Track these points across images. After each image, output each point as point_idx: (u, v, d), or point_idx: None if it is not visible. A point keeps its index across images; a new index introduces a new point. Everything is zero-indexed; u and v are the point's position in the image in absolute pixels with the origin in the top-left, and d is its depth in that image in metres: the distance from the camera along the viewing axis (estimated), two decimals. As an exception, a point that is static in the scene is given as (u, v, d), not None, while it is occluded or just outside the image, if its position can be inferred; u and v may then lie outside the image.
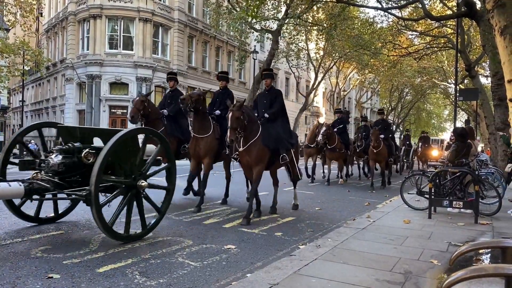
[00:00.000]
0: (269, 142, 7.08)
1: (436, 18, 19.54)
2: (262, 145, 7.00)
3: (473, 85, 21.86)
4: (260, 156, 7.01)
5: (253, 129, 6.99)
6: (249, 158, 7.03)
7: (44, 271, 4.07)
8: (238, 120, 6.59)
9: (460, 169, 7.79)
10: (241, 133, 6.74)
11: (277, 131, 7.33)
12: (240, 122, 6.64)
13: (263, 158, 7.07)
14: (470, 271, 1.82)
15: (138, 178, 5.38)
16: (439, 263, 4.55)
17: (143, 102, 8.16)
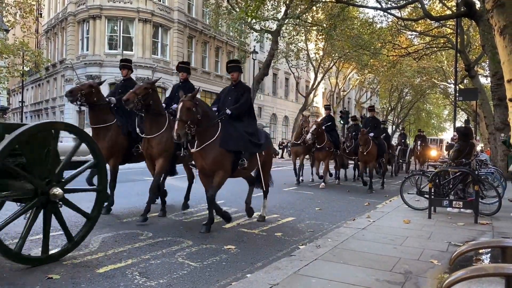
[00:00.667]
0: (228, 143, 6.03)
1: (436, 18, 19.57)
2: (221, 147, 5.96)
3: (473, 85, 21.88)
4: (219, 161, 5.97)
5: (209, 127, 5.95)
6: (205, 162, 5.98)
7: (44, 271, 4.06)
8: (189, 111, 5.58)
9: (460, 169, 7.80)
10: (193, 128, 5.67)
11: (239, 131, 6.25)
12: (192, 115, 5.61)
13: (224, 163, 6.03)
14: (470, 271, 1.81)
15: (51, 185, 4.27)
16: (439, 263, 4.55)
17: (91, 86, 6.97)
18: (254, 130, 6.62)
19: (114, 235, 5.64)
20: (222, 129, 6.06)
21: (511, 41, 4.59)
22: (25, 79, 33.48)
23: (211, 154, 5.92)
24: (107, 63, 29.45)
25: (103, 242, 5.27)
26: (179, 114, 5.56)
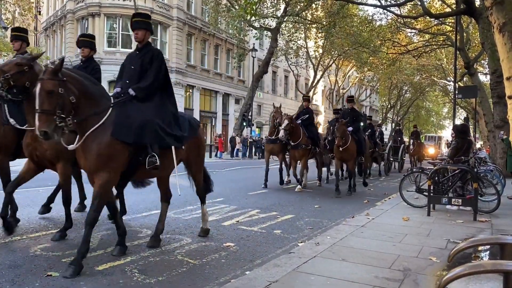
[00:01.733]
0: (124, 131, 4.26)
1: (435, 15, 19.56)
2: (111, 137, 4.19)
3: (472, 82, 21.90)
4: (107, 155, 4.17)
5: (92, 110, 4.18)
6: (88, 158, 4.19)
7: (43, 269, 4.07)
8: (52, 96, 3.84)
9: (460, 167, 7.80)
10: (66, 120, 3.95)
11: (145, 115, 4.48)
12: (59, 100, 3.88)
13: (114, 160, 4.23)
14: (468, 268, 1.82)
15: None
16: (438, 260, 4.55)
17: None
18: (170, 115, 4.83)
19: (113, 232, 5.63)
20: (117, 112, 4.35)
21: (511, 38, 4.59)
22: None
23: (95, 147, 4.15)
24: (106, 60, 29.38)
25: (102, 239, 5.27)
26: (38, 103, 3.82)
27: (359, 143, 11.34)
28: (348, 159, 11.01)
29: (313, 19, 27.88)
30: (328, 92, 49.11)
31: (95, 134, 4.16)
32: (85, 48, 6.11)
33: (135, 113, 4.42)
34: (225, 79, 37.37)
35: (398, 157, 20.27)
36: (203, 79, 34.40)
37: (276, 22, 24.30)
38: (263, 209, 7.96)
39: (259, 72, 25.98)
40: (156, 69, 4.80)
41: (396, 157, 20.32)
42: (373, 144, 15.95)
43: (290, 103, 46.33)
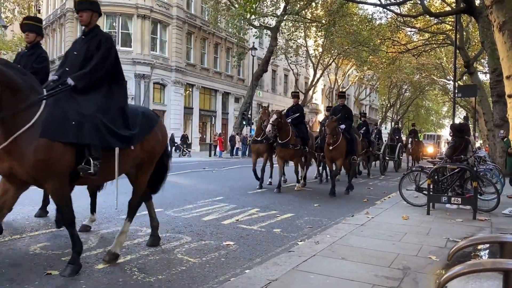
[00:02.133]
0: (59, 130, 3.63)
1: (435, 14, 19.55)
2: (43, 138, 3.57)
3: (472, 81, 21.88)
4: (44, 161, 3.57)
5: (17, 106, 3.53)
6: (22, 166, 3.58)
7: (43, 267, 4.07)
8: None
9: (459, 165, 7.81)
10: None
11: (84, 109, 3.84)
12: None
13: (55, 165, 3.65)
14: (468, 266, 1.82)
15: None
16: (437, 259, 4.56)
17: None
18: (117, 110, 4.12)
19: (113, 231, 5.64)
20: (49, 107, 3.68)
21: (510, 37, 4.59)
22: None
23: (30, 152, 3.54)
24: (106, 59, 29.35)
25: (102, 238, 5.27)
26: None
27: (351, 142, 10.51)
28: (337, 158, 10.23)
29: (313, 17, 27.86)
30: (328, 91, 49.08)
31: (27, 135, 3.53)
32: (29, 33, 5.42)
33: (73, 107, 3.78)
34: (225, 78, 37.35)
35: (395, 156, 19.59)
36: (202, 78, 34.37)
37: (276, 20, 24.30)
38: (263, 208, 7.96)
39: (258, 71, 25.98)
40: (102, 55, 4.08)
41: (392, 156, 19.60)
42: (367, 143, 15.21)
43: (290, 102, 46.25)
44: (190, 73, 33.14)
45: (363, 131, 15.24)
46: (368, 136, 15.63)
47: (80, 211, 5.70)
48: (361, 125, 16.05)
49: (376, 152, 17.24)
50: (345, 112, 10.96)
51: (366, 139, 15.11)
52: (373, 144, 16.23)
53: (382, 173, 17.38)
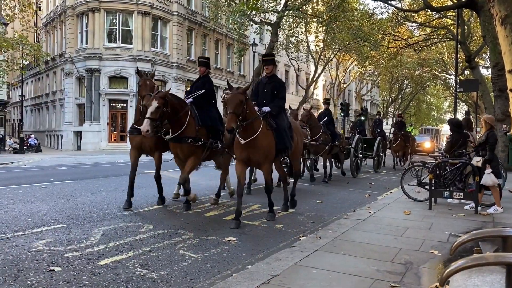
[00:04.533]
0: None
1: (436, 9, 19.49)
2: None
3: (473, 76, 21.84)
4: None
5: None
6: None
7: (46, 264, 4.08)
8: None
9: (461, 160, 7.79)
10: None
11: None
12: None
13: None
14: (471, 260, 1.82)
15: None
16: (439, 254, 4.56)
17: None
18: None
19: (115, 227, 5.66)
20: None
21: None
22: (24, 73, 33.36)
23: None
24: (107, 56, 29.36)
25: (104, 234, 5.28)
26: None
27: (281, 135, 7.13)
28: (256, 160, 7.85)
29: (313, 13, 27.74)
30: (329, 87, 48.99)
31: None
32: None
33: None
34: (226, 74, 37.29)
35: (373, 152, 16.00)
36: (203, 74, 34.29)
37: (277, 16, 24.21)
38: (265, 203, 7.92)
39: (259, 66, 25.88)
40: None
41: (370, 153, 16.15)
42: (330, 136, 12.22)
43: (291, 98, 46.19)
44: (191, 69, 33.08)
45: (325, 121, 12.34)
46: (331, 127, 12.58)
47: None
48: (322, 114, 13.02)
49: (346, 147, 14.25)
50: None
51: (328, 132, 12.29)
52: (337, 138, 12.93)
53: (354, 175, 13.89)
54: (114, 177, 6.87)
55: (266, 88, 6.77)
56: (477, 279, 2.53)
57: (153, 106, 6.18)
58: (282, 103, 6.76)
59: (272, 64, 6.95)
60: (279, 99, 6.72)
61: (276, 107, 6.60)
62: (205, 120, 6.95)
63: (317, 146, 11.74)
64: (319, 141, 11.64)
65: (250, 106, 6.10)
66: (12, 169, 14.35)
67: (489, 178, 7.18)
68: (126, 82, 29.81)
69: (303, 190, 10.24)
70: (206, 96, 7.14)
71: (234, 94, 5.91)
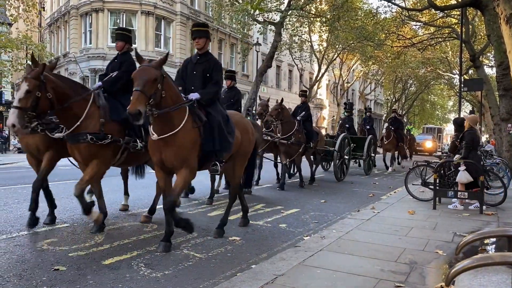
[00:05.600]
0: None
1: (440, 8, 19.41)
2: None
3: (478, 75, 21.72)
4: None
5: None
6: None
7: (50, 263, 4.09)
8: None
9: (465, 160, 7.76)
10: None
11: None
12: None
13: None
14: (477, 260, 1.81)
15: None
16: (444, 253, 4.54)
17: None
18: None
19: (120, 227, 5.67)
20: None
21: (518, 29, 4.54)
22: (28, 73, 33.45)
23: None
24: (110, 56, 29.30)
25: (108, 234, 5.29)
26: None
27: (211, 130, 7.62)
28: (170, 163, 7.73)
29: (317, 12, 27.68)
30: (333, 86, 48.91)
31: None
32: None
33: None
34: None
35: (362, 153, 14.47)
36: (207, 74, 34.31)
37: (280, 16, 24.17)
38: (268, 203, 7.96)
39: (263, 66, 25.86)
40: None
41: (359, 154, 14.60)
42: (305, 136, 10.47)
43: (295, 97, 46.14)
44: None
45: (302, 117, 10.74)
46: (308, 125, 10.84)
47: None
48: (298, 108, 11.26)
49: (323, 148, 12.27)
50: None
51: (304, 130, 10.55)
52: (314, 137, 11.03)
53: (338, 178, 12.22)
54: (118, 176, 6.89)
55: (196, 70, 5.13)
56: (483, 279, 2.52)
57: (21, 91, 4.49)
58: (216, 90, 5.12)
59: (204, 37, 5.33)
60: (213, 84, 5.11)
61: (208, 95, 4.97)
62: (118, 112, 5.27)
63: (288, 147, 9.93)
64: (291, 141, 9.86)
65: (169, 89, 4.49)
66: (16, 169, 14.40)
67: (463, 176, 7.39)
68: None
69: (306, 190, 10.23)
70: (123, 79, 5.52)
71: (144, 68, 4.35)
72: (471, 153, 7.48)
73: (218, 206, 7.51)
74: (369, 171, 15.07)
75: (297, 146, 10.05)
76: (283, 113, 9.84)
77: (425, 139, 34.56)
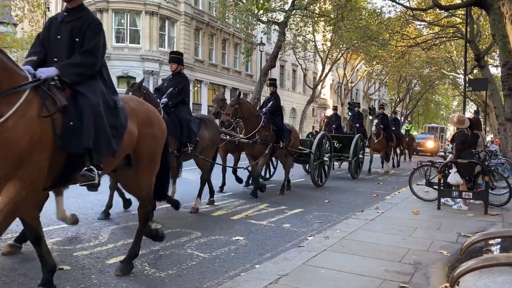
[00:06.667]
0: None
1: (445, 7, 19.30)
2: None
3: (483, 75, 21.61)
4: None
5: None
6: None
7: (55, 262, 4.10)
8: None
9: (470, 160, 7.73)
10: None
11: None
12: None
13: None
14: (482, 261, 1.80)
15: None
16: (448, 254, 4.53)
17: None
18: None
19: (124, 226, 5.68)
20: None
21: (523, 29, 4.53)
22: (33, 73, 33.64)
23: None
24: (115, 56, 29.47)
25: (113, 233, 5.31)
26: None
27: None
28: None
29: (321, 12, 27.65)
30: (337, 86, 48.84)
31: None
32: None
33: None
34: (233, 73, 37.30)
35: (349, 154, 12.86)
36: (211, 73, 34.37)
37: (284, 16, 24.16)
38: (272, 203, 7.96)
39: (266, 66, 25.86)
40: None
41: (345, 155, 13.09)
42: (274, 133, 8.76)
43: (298, 97, 46.18)
44: (198, 69, 33.16)
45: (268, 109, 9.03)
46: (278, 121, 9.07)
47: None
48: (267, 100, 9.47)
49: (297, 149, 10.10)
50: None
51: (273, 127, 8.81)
52: (285, 135, 9.10)
53: (315, 184, 10.45)
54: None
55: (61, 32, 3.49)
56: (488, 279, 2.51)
57: None
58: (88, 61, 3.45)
59: None
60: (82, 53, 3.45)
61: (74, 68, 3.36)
62: None
63: (251, 147, 8.41)
64: (256, 139, 8.27)
65: None
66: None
67: (453, 177, 7.40)
68: (134, 81, 29.94)
69: (310, 190, 10.22)
70: None
71: None
72: (463, 153, 7.47)
73: (221, 205, 7.52)
74: (357, 174, 13.37)
75: (262, 146, 8.39)
76: (241, 109, 8.20)
77: (426, 139, 33.31)
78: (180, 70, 6.85)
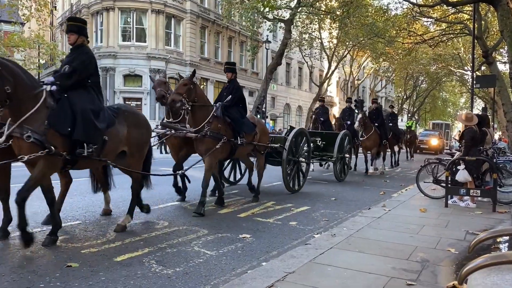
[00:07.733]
0: None
1: (452, 3, 19.14)
2: None
3: (490, 71, 21.44)
4: None
5: None
6: None
7: (63, 260, 4.14)
8: None
9: (478, 157, 7.68)
10: None
11: None
12: None
13: None
14: (490, 258, 1.79)
15: None
16: (456, 252, 4.50)
17: None
18: None
19: (131, 224, 5.70)
20: None
21: (532, 24, 4.47)
22: (41, 72, 33.86)
23: None
24: (121, 54, 29.60)
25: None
26: None
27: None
28: None
29: (327, 9, 27.54)
30: (343, 83, 48.69)
31: None
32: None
33: None
34: (239, 71, 37.06)
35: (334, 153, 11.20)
36: (217, 71, 34.37)
37: (290, 13, 24.09)
38: (278, 201, 7.96)
39: (272, 64, 25.80)
40: None
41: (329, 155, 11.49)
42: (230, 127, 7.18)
43: (305, 95, 46.11)
44: (204, 67, 33.20)
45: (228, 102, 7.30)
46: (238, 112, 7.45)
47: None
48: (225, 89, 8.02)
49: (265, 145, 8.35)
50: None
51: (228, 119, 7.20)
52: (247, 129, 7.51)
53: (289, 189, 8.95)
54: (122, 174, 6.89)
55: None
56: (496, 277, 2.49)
57: None
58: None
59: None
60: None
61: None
62: None
63: (199, 142, 6.76)
64: (204, 132, 6.65)
65: None
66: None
67: (462, 174, 7.33)
68: (140, 80, 30.02)
69: (317, 188, 10.20)
70: None
71: None
72: (471, 150, 7.41)
73: (228, 203, 7.52)
74: (343, 176, 11.75)
75: (212, 140, 6.68)
76: (195, 91, 6.79)
77: (429, 136, 32.27)
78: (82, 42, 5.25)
